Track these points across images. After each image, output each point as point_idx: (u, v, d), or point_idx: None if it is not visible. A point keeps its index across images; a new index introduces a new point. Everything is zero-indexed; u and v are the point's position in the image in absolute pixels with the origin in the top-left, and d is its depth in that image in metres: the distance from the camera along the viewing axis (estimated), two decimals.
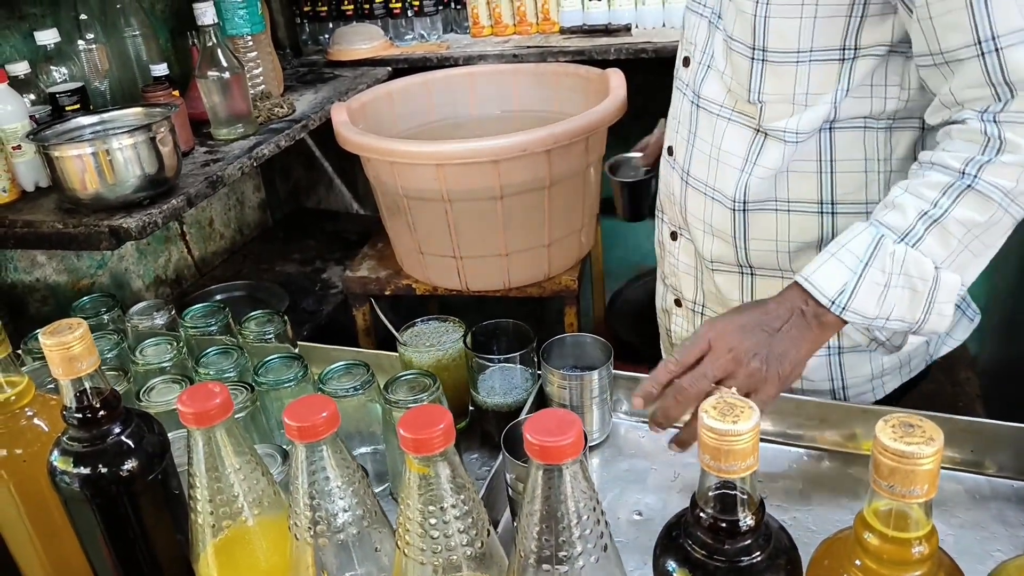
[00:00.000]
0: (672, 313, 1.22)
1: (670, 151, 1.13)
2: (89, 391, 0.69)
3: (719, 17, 1.00)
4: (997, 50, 0.81)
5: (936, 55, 0.85)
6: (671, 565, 0.56)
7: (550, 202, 1.62)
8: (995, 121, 0.83)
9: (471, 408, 1.06)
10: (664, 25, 2.13)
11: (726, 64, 1.00)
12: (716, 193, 1.05)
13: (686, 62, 1.08)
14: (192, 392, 0.66)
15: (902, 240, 0.85)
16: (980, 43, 0.81)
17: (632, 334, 2.12)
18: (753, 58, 0.96)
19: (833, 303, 0.85)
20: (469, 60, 2.07)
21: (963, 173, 0.84)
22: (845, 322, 0.87)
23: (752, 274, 1.08)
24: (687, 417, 0.88)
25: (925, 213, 0.84)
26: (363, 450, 1.00)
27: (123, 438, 0.71)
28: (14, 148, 1.41)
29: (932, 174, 0.86)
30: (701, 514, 0.54)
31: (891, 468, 0.48)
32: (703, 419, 0.51)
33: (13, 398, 0.74)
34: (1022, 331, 1.15)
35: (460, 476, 0.60)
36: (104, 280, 1.76)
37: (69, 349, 0.67)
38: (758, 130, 0.99)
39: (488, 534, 0.62)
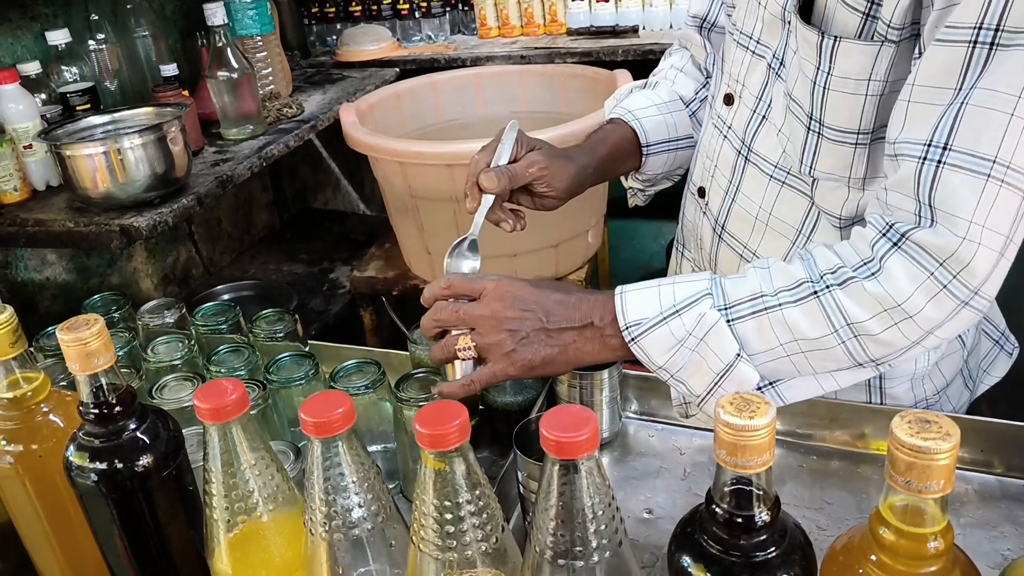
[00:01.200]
0: None
1: (701, 192, 1.05)
2: (105, 387, 0.70)
3: (782, 64, 0.89)
4: (940, 163, 0.70)
5: (890, 146, 0.75)
6: (686, 560, 0.56)
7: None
8: (894, 242, 0.72)
9: (480, 407, 1.06)
10: (671, 27, 2.13)
11: (784, 122, 0.88)
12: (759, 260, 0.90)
13: (728, 100, 0.98)
14: (208, 388, 0.66)
15: (722, 310, 0.78)
16: (929, 146, 0.70)
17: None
18: (809, 128, 0.85)
19: (627, 329, 0.79)
20: (477, 61, 2.07)
21: (822, 277, 0.75)
22: (631, 353, 0.80)
23: None
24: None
25: (761, 296, 0.77)
26: (373, 448, 1.00)
27: (138, 434, 0.72)
28: (25, 147, 1.42)
29: (797, 263, 0.78)
30: (717, 509, 0.54)
31: (908, 463, 0.48)
32: (720, 415, 0.52)
33: (29, 394, 0.75)
34: None
35: (475, 472, 0.60)
36: (113, 279, 1.77)
37: (86, 345, 0.67)
38: (814, 202, 0.89)
39: (503, 530, 0.62)
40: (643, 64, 1.99)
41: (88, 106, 1.51)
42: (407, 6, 2.24)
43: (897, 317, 0.72)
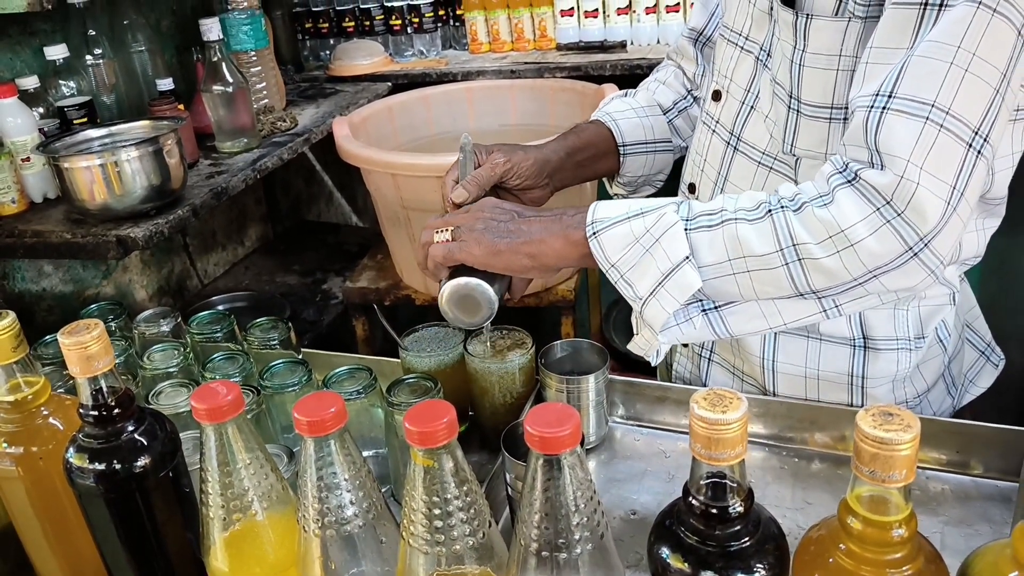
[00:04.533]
0: (675, 351, 1.18)
1: (691, 188, 1.08)
2: (105, 389, 0.72)
3: (768, 55, 0.94)
4: (884, 109, 0.74)
5: (851, 102, 0.79)
6: (664, 552, 0.59)
7: None
8: (848, 180, 0.76)
9: (471, 413, 1.09)
10: (659, 42, 2.17)
11: (771, 108, 0.93)
12: None
13: (716, 96, 1.02)
14: (204, 390, 0.69)
15: (684, 219, 0.82)
16: (877, 95, 0.75)
17: (627, 345, 2.14)
18: (789, 107, 0.90)
19: (591, 224, 0.85)
20: (467, 76, 2.10)
21: (779, 201, 0.79)
22: (589, 251, 0.85)
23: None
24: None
25: (721, 211, 0.81)
26: (365, 453, 1.01)
27: (137, 436, 0.74)
28: (23, 160, 1.44)
29: (763, 194, 0.82)
30: (693, 502, 0.57)
31: (872, 454, 0.51)
32: (694, 410, 0.54)
33: (30, 397, 0.77)
34: (1009, 342, 1.19)
35: (463, 469, 0.63)
36: (108, 290, 1.79)
37: (87, 348, 0.70)
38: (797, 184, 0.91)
39: (489, 526, 0.64)
40: (631, 78, 2.03)
41: (85, 120, 1.53)
42: (399, 22, 2.28)
43: (840, 244, 0.75)
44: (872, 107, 0.75)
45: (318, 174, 2.50)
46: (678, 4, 2.10)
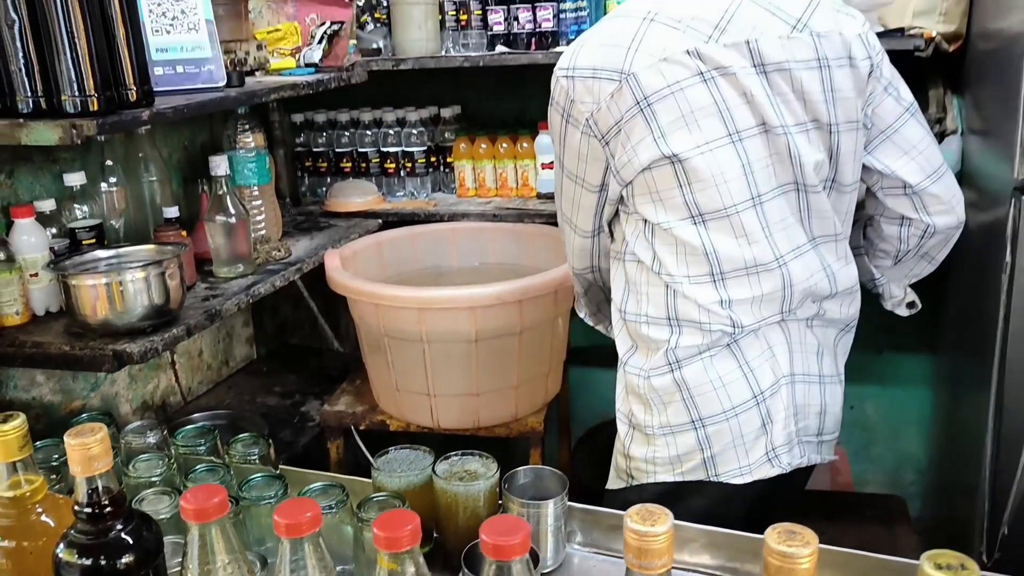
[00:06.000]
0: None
1: None
2: (100, 489, 0.79)
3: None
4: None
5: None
6: None
7: (520, 347, 1.76)
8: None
9: (435, 535, 1.14)
10: None
11: None
12: None
13: None
14: (193, 492, 0.76)
15: None
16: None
17: (594, 478, 2.20)
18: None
19: None
20: (453, 217, 2.26)
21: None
22: None
23: None
24: None
25: None
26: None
27: (123, 534, 0.80)
28: (32, 275, 1.54)
29: None
30: None
31: (776, 567, 0.59)
32: (627, 522, 0.62)
33: (28, 494, 0.83)
34: (958, 494, 1.27)
35: (423, 573, 0.70)
36: (95, 402, 1.85)
37: (89, 449, 0.77)
38: None
39: None
40: None
41: (94, 241, 1.64)
42: (393, 165, 2.45)
43: None
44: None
45: (305, 300, 2.61)
46: None
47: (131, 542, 0.80)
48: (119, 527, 0.80)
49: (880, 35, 1.90)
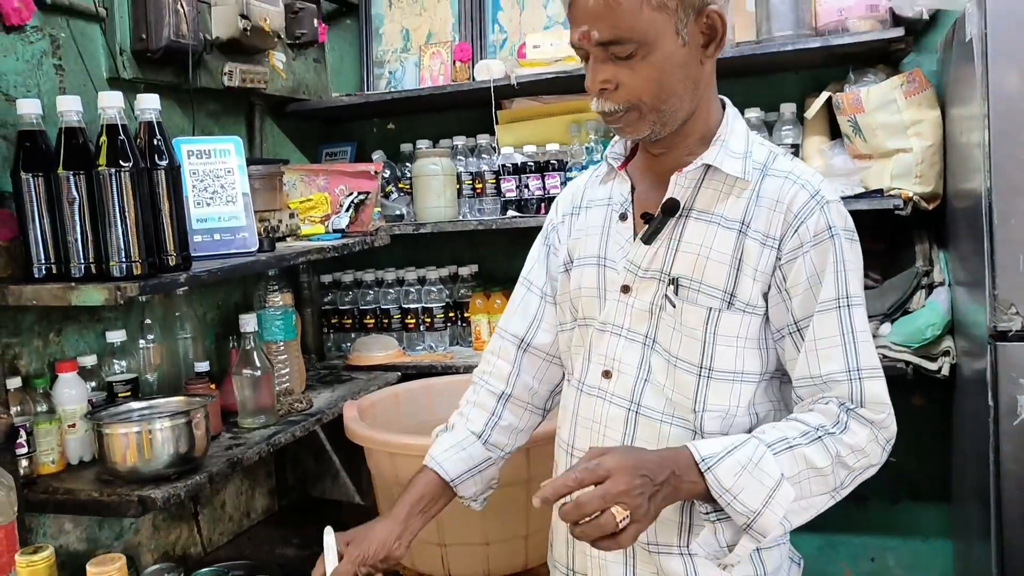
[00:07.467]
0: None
1: None
2: None
3: (655, 341, 1.22)
4: (860, 379, 1.14)
5: (816, 378, 1.15)
6: None
7: (528, 496, 1.80)
8: (847, 412, 1.13)
9: None
10: None
11: (666, 378, 1.21)
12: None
13: (607, 374, 1.25)
14: None
15: (767, 447, 1.09)
16: (850, 371, 1.14)
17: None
18: (700, 375, 1.19)
19: (703, 460, 1.07)
20: (469, 369, 2.35)
21: (816, 429, 1.12)
22: (704, 487, 1.07)
23: None
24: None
25: (785, 439, 1.11)
26: None
27: None
28: (69, 426, 1.66)
29: (794, 423, 1.14)
30: None
31: None
32: None
33: None
34: None
35: None
36: (118, 551, 1.90)
37: None
38: (695, 432, 1.19)
39: None
40: None
41: (129, 393, 1.77)
42: (414, 321, 2.59)
43: (860, 455, 1.12)
44: (851, 380, 1.13)
45: (327, 453, 2.68)
46: None
47: None
48: None
49: (861, 196, 2.05)
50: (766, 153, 1.21)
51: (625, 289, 1.23)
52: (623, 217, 1.26)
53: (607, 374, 1.25)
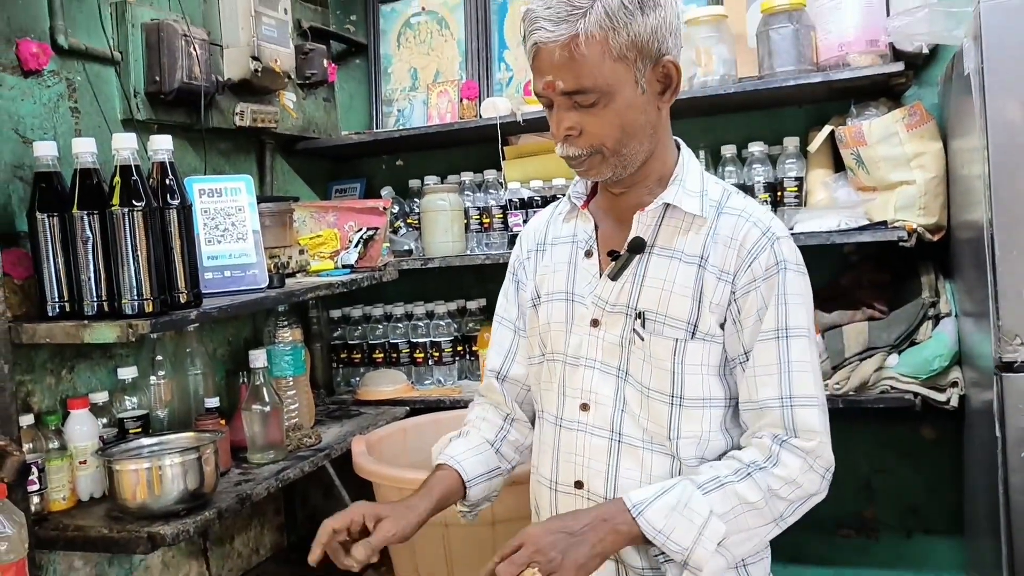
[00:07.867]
0: None
1: (578, 484, 1.31)
2: None
3: (628, 373, 1.28)
4: (792, 407, 1.20)
5: (754, 403, 1.23)
6: None
7: (494, 537, 1.80)
8: (780, 444, 1.19)
9: None
10: None
11: (641, 408, 1.27)
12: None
13: (584, 407, 1.30)
14: None
15: (697, 488, 1.16)
16: (783, 399, 1.20)
17: None
18: (672, 404, 1.25)
19: (634, 507, 1.15)
20: None
21: (748, 466, 1.18)
22: (638, 530, 1.14)
23: None
24: None
25: (716, 478, 1.17)
26: None
27: None
28: (80, 462, 1.67)
29: (730, 461, 1.21)
30: None
31: None
32: None
33: None
34: None
35: None
36: None
37: None
38: (673, 457, 1.26)
39: None
40: None
41: (140, 430, 1.78)
42: (422, 355, 2.61)
43: (793, 487, 1.18)
44: (783, 407, 1.19)
45: (336, 489, 2.68)
46: None
47: None
48: None
49: (865, 227, 2.07)
50: (720, 191, 1.29)
51: (595, 323, 1.30)
52: (588, 254, 1.33)
53: (585, 407, 1.30)
